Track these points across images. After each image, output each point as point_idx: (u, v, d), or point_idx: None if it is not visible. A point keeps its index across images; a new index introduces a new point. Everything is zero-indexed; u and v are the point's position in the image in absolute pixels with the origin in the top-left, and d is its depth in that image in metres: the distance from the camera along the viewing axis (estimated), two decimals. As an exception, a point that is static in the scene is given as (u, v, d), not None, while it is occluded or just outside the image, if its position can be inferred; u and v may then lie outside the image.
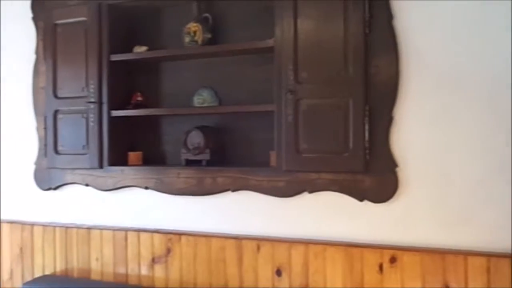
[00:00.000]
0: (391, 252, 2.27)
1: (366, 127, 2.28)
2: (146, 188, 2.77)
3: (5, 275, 3.13)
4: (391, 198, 2.29)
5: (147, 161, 2.89)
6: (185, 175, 2.68)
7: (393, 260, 2.27)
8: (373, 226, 2.34)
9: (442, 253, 2.20)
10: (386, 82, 2.28)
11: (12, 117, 3.17)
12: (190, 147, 2.70)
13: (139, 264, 2.78)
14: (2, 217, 3.17)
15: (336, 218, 2.41)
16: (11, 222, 3.13)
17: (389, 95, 2.29)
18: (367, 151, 2.29)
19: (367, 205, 2.33)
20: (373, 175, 2.30)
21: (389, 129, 2.30)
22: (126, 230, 2.82)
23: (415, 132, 2.27)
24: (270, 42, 2.45)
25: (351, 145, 2.30)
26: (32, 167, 3.06)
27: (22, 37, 3.09)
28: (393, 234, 2.30)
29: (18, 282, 3.07)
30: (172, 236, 2.71)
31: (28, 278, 3.03)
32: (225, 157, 2.73)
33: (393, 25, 2.29)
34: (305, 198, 2.45)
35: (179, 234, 2.69)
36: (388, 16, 2.29)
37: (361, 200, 2.34)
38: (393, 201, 2.29)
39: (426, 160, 2.26)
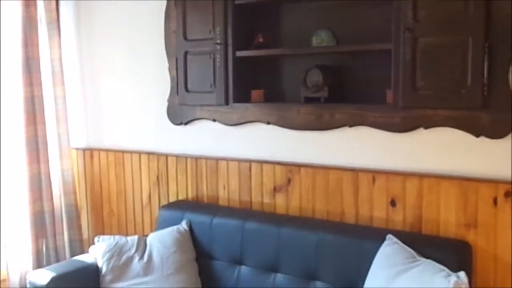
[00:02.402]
0: (507, 186, 2.33)
1: (485, 64, 2.31)
2: (268, 123, 2.99)
3: (145, 200, 3.55)
4: (509, 134, 2.33)
5: (268, 99, 3.07)
6: (304, 112, 2.86)
7: (508, 194, 2.33)
8: (489, 161, 2.40)
9: (559, 188, 2.23)
10: (508, 19, 2.27)
11: (146, 59, 3.49)
12: (309, 85, 2.84)
13: (262, 193, 3.04)
14: (141, 149, 3.56)
15: (451, 153, 2.49)
16: (149, 153, 3.51)
17: (510, 32, 2.29)
18: (485, 88, 2.32)
19: (484, 141, 2.39)
20: (490, 112, 2.35)
21: (509, 66, 2.31)
22: (250, 161, 3.08)
23: (536, 69, 2.28)
24: (388, -18, 2.51)
25: (469, 82, 2.34)
26: (165, 104, 3.38)
27: (155, -16, 3.35)
28: (509, 169, 2.35)
29: (155, 205, 3.48)
30: (292, 167, 2.93)
31: (164, 202, 3.41)
32: (342, 95, 2.85)
33: (517, -41, 2.26)
34: (421, 134, 2.55)
35: (299, 166, 2.91)
36: (512, -51, 2.26)
37: (477, 136, 2.40)
38: (510, 137, 2.33)
39: (546, 96, 2.26)
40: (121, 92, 3.66)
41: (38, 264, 3.51)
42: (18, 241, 3.51)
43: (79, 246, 3.75)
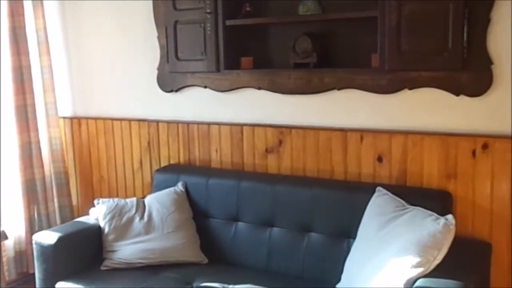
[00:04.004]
0: (484, 139, 2.58)
1: (465, 28, 2.54)
2: (259, 88, 3.14)
3: (136, 165, 3.66)
4: (486, 93, 2.57)
5: (257, 66, 3.20)
6: (295, 77, 3.03)
7: (485, 146, 2.58)
8: (468, 118, 2.64)
9: (531, 139, 2.50)
10: (486, -13, 2.50)
11: (134, 28, 3.56)
12: (299, 51, 3.00)
13: (254, 154, 3.21)
14: (131, 116, 3.65)
15: (434, 111, 2.72)
16: (139, 120, 3.60)
17: (487, -1, 2.53)
18: (465, 51, 2.55)
19: (463, 99, 2.63)
20: (469, 72, 2.58)
21: (486, 30, 2.54)
22: (242, 125, 3.23)
23: (510, 32, 2.51)
24: (374, -49, 2.68)
25: (450, 45, 2.56)
26: (154, 72, 3.48)
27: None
28: (486, 124, 2.59)
29: (147, 170, 3.61)
30: (283, 129, 3.10)
31: (156, 167, 3.52)
32: (329, 60, 3.02)
33: None
34: (406, 94, 2.76)
35: (290, 127, 3.08)
36: None
37: (457, 94, 2.63)
38: (487, 95, 2.57)
39: (520, 57, 2.51)
40: (108, 61, 3.73)
41: (31, 229, 3.59)
42: (11, 208, 3.57)
43: (69, 212, 3.84)
